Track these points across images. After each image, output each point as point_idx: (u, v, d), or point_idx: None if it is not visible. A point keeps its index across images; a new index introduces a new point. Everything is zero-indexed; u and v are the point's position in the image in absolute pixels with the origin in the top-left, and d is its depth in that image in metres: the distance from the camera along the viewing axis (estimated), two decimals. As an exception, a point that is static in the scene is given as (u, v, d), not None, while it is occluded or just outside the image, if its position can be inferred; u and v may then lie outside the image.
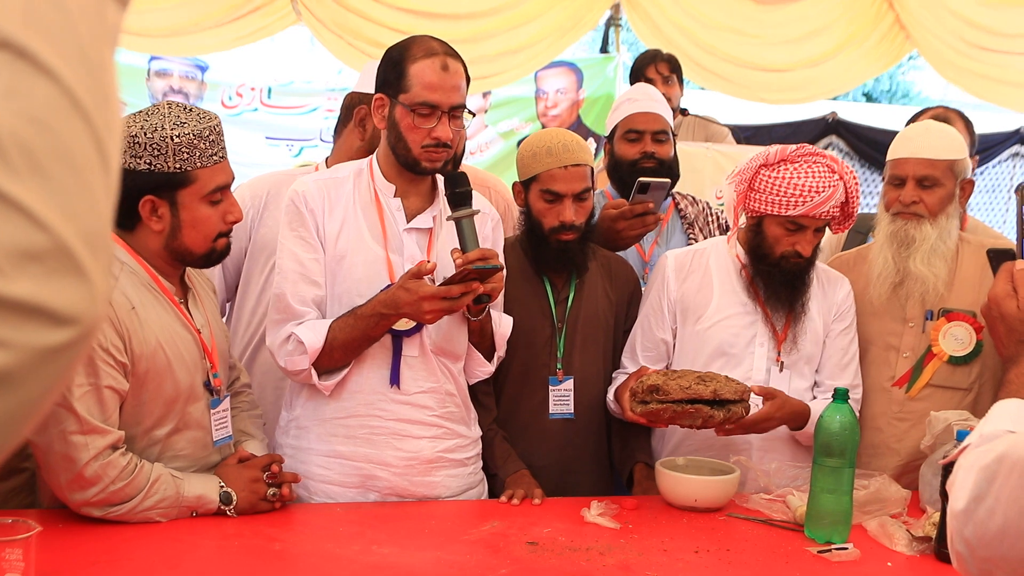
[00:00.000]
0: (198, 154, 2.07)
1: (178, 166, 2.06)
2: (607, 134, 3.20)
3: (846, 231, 3.46)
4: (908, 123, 3.34)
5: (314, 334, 2.27)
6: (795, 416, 2.52)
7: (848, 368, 2.67)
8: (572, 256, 2.63)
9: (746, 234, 2.62)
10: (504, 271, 2.33)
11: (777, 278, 2.58)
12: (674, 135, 3.16)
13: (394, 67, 2.30)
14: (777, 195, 2.50)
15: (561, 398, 2.67)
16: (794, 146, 2.58)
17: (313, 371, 2.30)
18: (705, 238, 3.05)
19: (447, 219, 2.31)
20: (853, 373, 2.68)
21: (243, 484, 2.20)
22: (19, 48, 0.53)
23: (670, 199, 3.17)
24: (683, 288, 2.67)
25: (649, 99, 3.12)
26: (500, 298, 2.52)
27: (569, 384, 2.67)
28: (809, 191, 2.48)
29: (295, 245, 2.33)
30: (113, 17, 0.59)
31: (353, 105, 2.82)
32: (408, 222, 2.37)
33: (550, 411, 2.66)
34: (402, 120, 2.29)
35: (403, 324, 2.31)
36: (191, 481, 2.15)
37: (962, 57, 6.52)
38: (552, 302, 2.68)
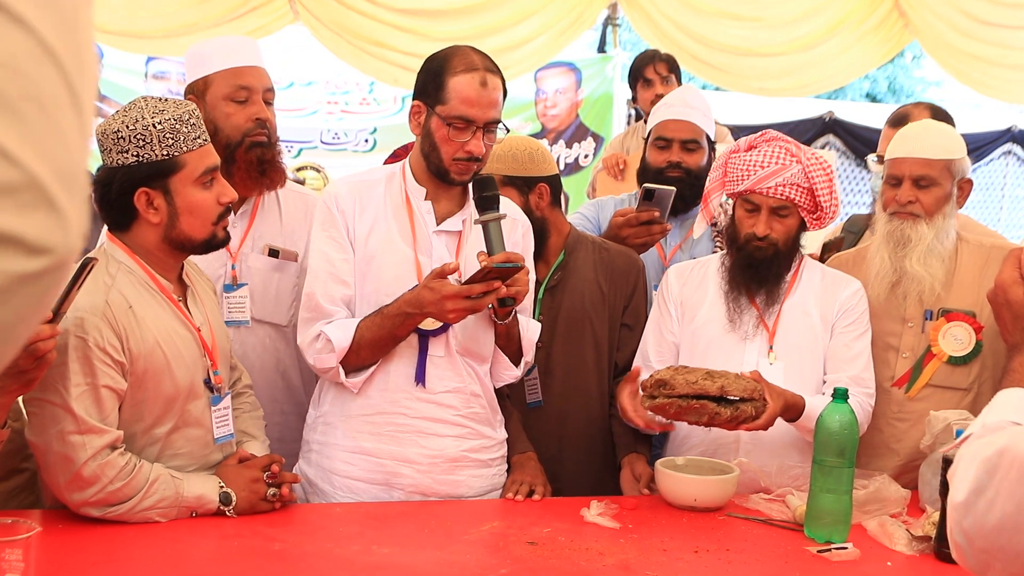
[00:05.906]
0: (182, 138, 2.08)
1: (165, 152, 2.06)
2: (645, 136, 3.18)
3: (841, 230, 3.48)
4: (887, 123, 3.33)
5: (342, 333, 2.31)
6: (788, 407, 2.47)
7: (855, 362, 2.61)
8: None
9: (727, 226, 2.70)
10: (528, 273, 2.34)
11: (741, 262, 2.62)
12: (712, 142, 3.10)
13: (434, 77, 2.32)
14: (735, 175, 2.61)
15: (532, 386, 2.73)
16: (760, 132, 2.66)
17: (341, 369, 2.33)
18: None
19: (475, 223, 2.33)
20: (862, 366, 2.62)
21: (243, 484, 2.20)
22: None
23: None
24: (683, 291, 2.71)
25: (684, 105, 3.08)
26: (528, 303, 2.53)
27: (535, 372, 2.72)
28: (755, 165, 2.57)
29: (326, 245, 2.38)
30: None
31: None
32: (438, 225, 2.40)
33: (527, 400, 2.72)
34: (437, 131, 2.32)
35: (429, 323, 2.33)
36: (191, 481, 2.15)
37: (961, 37, 6.49)
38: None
